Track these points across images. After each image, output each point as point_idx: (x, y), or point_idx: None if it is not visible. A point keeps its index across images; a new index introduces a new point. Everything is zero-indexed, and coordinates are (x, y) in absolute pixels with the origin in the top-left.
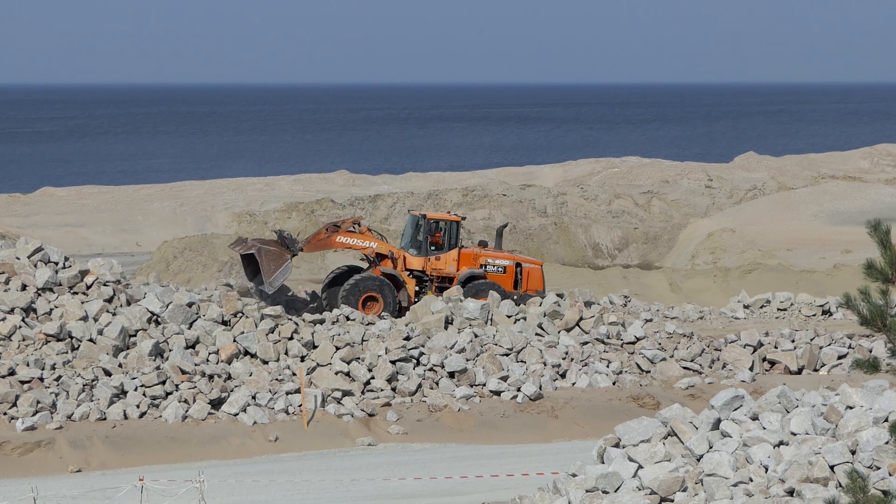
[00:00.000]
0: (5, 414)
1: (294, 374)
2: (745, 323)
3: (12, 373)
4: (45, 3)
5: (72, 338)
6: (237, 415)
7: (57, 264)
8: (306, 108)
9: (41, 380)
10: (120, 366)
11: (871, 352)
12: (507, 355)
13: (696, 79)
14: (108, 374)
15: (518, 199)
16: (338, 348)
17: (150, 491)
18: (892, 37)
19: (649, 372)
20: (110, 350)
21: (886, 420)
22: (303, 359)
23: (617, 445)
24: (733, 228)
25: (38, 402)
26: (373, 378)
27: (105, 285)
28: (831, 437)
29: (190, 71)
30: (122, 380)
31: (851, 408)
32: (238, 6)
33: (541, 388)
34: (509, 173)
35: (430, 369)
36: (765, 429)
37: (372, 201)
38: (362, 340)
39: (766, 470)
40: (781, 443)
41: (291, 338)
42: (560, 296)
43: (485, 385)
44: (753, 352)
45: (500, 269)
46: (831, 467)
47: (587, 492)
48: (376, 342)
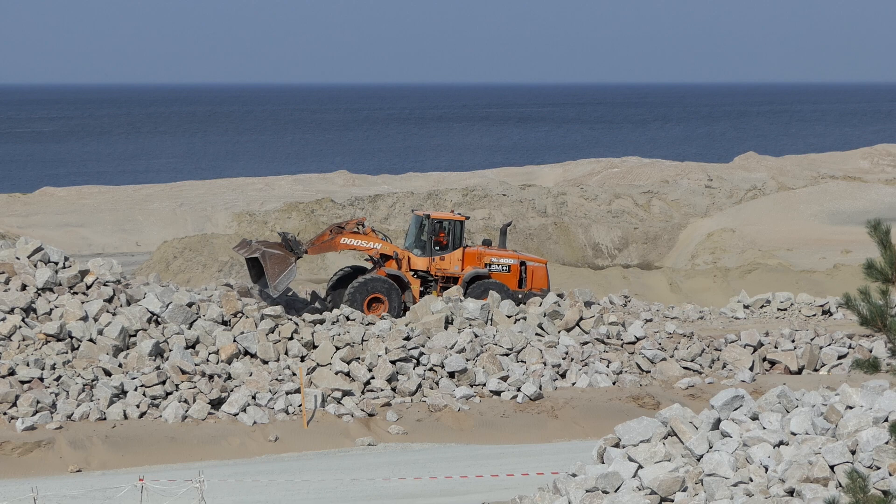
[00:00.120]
0: (5, 414)
1: (294, 374)
2: (745, 323)
3: (12, 373)
4: (45, 3)
5: (72, 338)
6: (237, 415)
7: (57, 264)
8: (306, 108)
9: (41, 380)
10: (120, 366)
11: (871, 352)
12: (507, 355)
13: (696, 79)
14: (108, 374)
15: (518, 199)
16: (338, 348)
17: (150, 491)
18: (892, 37)
19: (649, 372)
20: (110, 350)
21: (886, 420)
22: (303, 359)
23: (617, 445)
24: (733, 228)
25: (38, 402)
26: (373, 378)
27: (105, 285)
28: (831, 437)
29: (190, 71)
30: (122, 380)
31: (851, 408)
32: (238, 6)
33: (541, 388)
34: (509, 173)
35: (430, 369)
36: (765, 429)
37: (372, 201)
38: (362, 340)
39: (766, 470)
40: (781, 443)
41: (291, 338)
42: (560, 296)
43: (485, 385)
44: (753, 352)
45: (504, 268)
46: (831, 467)
47: (587, 492)
48: (376, 342)
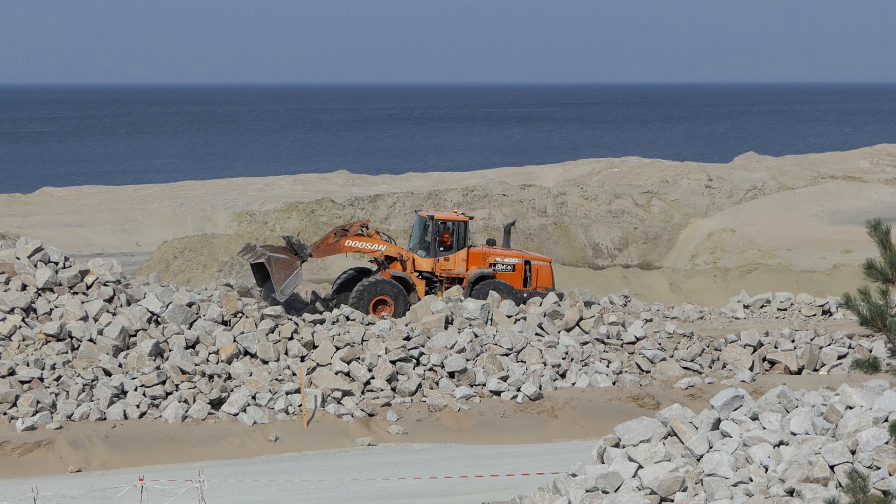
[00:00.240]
0: (5, 414)
1: (294, 374)
2: (745, 323)
3: (12, 373)
4: (45, 3)
5: (72, 338)
6: (237, 415)
7: (57, 264)
8: (306, 108)
9: (41, 380)
10: (120, 366)
11: (871, 352)
12: (507, 355)
13: (696, 79)
14: (108, 374)
15: (518, 199)
16: (338, 348)
17: (150, 491)
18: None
19: (649, 372)
20: (110, 350)
21: (886, 420)
22: (303, 359)
23: (617, 445)
24: (733, 228)
25: (38, 402)
26: (373, 378)
27: (105, 285)
28: (831, 437)
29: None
30: (122, 380)
31: (851, 408)
32: (238, 6)
33: (541, 388)
34: (509, 173)
35: (430, 369)
36: (765, 429)
37: (372, 201)
38: (362, 340)
39: (766, 470)
40: (781, 443)
41: (291, 338)
42: (560, 296)
43: (485, 385)
44: (753, 352)
45: (509, 267)
46: (831, 467)
47: (587, 492)
48: (376, 342)
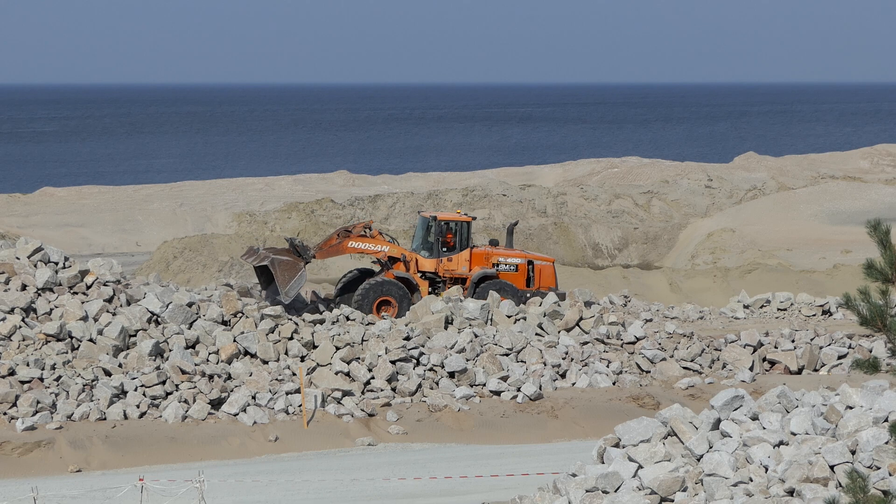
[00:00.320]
0: (5, 414)
1: (294, 374)
2: (745, 323)
3: (12, 373)
4: (45, 3)
5: (72, 338)
6: (237, 415)
7: (57, 264)
8: (306, 108)
9: (41, 380)
10: (120, 366)
11: (871, 352)
12: (507, 355)
13: (696, 79)
14: (108, 374)
15: (518, 199)
16: (338, 348)
17: (150, 491)
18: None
19: (649, 372)
20: (110, 350)
21: (886, 420)
22: (303, 359)
23: (617, 445)
24: (733, 228)
25: (38, 402)
26: (373, 378)
27: (105, 285)
28: (831, 437)
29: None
30: (122, 380)
31: (851, 408)
32: (238, 6)
33: (541, 388)
34: (509, 173)
35: (430, 369)
36: (765, 429)
37: (372, 201)
38: (362, 340)
39: (766, 470)
40: (781, 443)
41: (291, 338)
42: (563, 296)
43: (485, 385)
44: (753, 352)
45: (512, 267)
46: (831, 467)
47: (587, 492)
48: (376, 342)
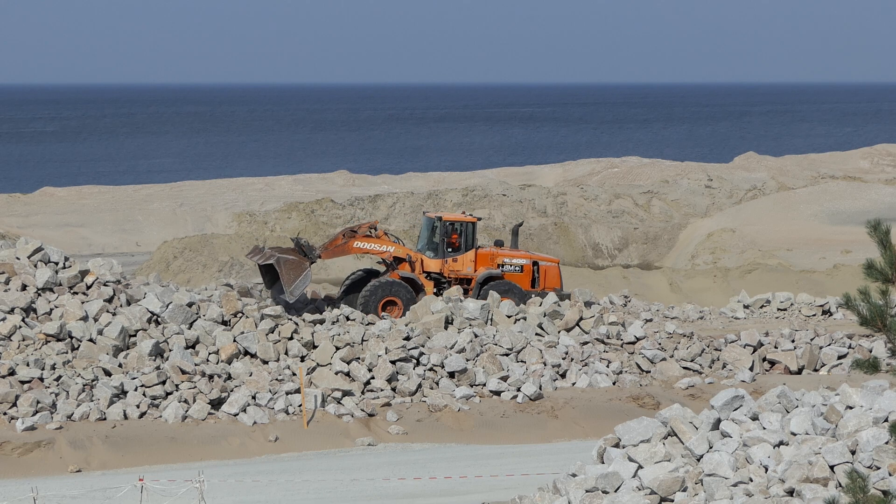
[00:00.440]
0: (5, 414)
1: (294, 374)
2: (745, 323)
3: (12, 373)
4: (45, 3)
5: (72, 338)
6: (237, 415)
7: (57, 264)
8: (306, 108)
9: (41, 380)
10: (120, 366)
11: (871, 352)
12: (507, 355)
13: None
14: (108, 374)
15: (518, 199)
16: (338, 348)
17: (150, 491)
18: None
19: (649, 372)
20: (110, 350)
21: (886, 420)
22: (303, 359)
23: (617, 445)
24: (733, 228)
25: (38, 402)
26: (373, 378)
27: (105, 285)
28: (831, 437)
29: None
30: (122, 380)
31: (851, 408)
32: (238, 6)
33: (541, 388)
34: (509, 173)
35: (430, 369)
36: (765, 429)
37: (372, 201)
38: (362, 340)
39: (766, 470)
40: (781, 443)
41: (291, 338)
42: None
43: (485, 385)
44: (753, 352)
45: (517, 268)
46: (831, 467)
47: (587, 492)
48: (376, 342)
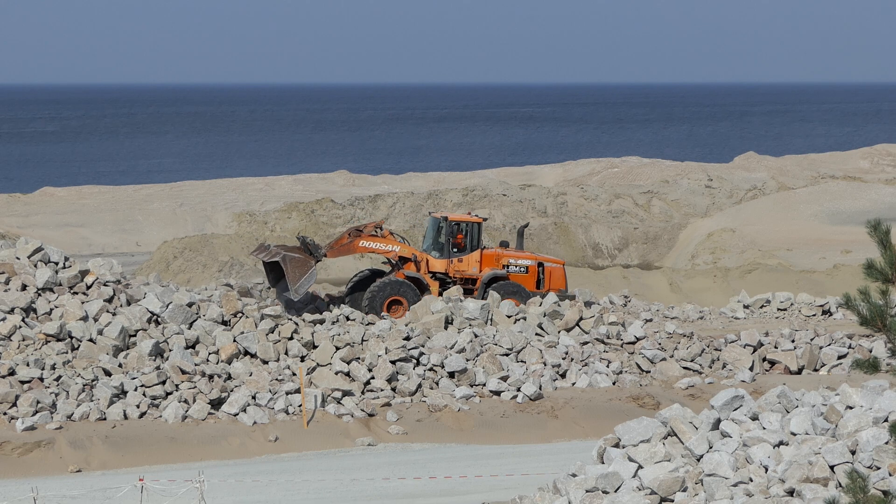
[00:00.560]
0: (5, 414)
1: (294, 374)
2: (745, 323)
3: (12, 373)
4: (45, 4)
5: (72, 338)
6: (237, 415)
7: (57, 264)
8: (306, 108)
9: (41, 380)
10: (120, 366)
11: (871, 352)
12: (507, 355)
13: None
14: (108, 374)
15: (518, 199)
16: (338, 348)
17: (150, 491)
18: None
19: (649, 372)
20: (110, 350)
21: (886, 420)
22: (303, 359)
23: (617, 445)
24: (733, 228)
25: (38, 402)
26: (373, 378)
27: (105, 285)
28: (831, 437)
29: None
30: (122, 380)
31: (851, 408)
32: (238, 6)
33: (541, 388)
34: (509, 173)
35: (430, 369)
36: (765, 429)
37: (372, 201)
38: (362, 340)
39: (766, 470)
40: (781, 443)
41: (291, 338)
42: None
43: (485, 385)
44: (753, 352)
45: (522, 269)
46: (831, 467)
47: (587, 492)
48: (376, 342)
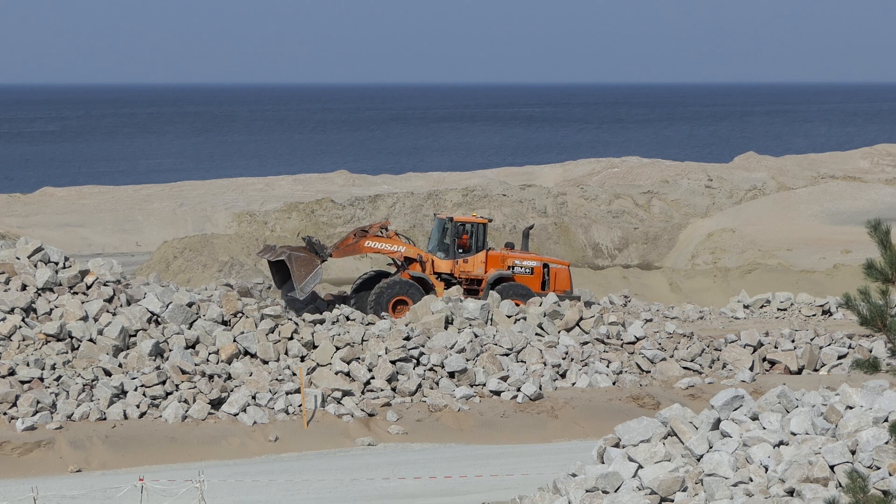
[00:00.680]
0: (5, 414)
1: (294, 374)
2: (745, 323)
3: (12, 373)
4: (45, 4)
5: (72, 338)
6: (237, 415)
7: (57, 264)
8: (306, 108)
9: (41, 380)
10: (120, 366)
11: (871, 352)
12: (507, 355)
13: (697, 79)
14: (108, 374)
15: (518, 199)
16: (338, 348)
17: (150, 491)
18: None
19: (649, 372)
20: (110, 350)
21: (886, 420)
22: (303, 359)
23: (617, 445)
24: (733, 228)
25: (38, 402)
26: (373, 378)
27: (105, 285)
28: (831, 437)
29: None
30: (122, 380)
31: (851, 408)
32: (238, 6)
33: (541, 388)
34: (509, 173)
35: (430, 369)
36: (765, 429)
37: (372, 201)
38: (362, 340)
39: (766, 470)
40: (781, 443)
41: (291, 338)
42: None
43: (485, 385)
44: (753, 352)
45: (527, 270)
46: (831, 467)
47: (587, 492)
48: (376, 342)
